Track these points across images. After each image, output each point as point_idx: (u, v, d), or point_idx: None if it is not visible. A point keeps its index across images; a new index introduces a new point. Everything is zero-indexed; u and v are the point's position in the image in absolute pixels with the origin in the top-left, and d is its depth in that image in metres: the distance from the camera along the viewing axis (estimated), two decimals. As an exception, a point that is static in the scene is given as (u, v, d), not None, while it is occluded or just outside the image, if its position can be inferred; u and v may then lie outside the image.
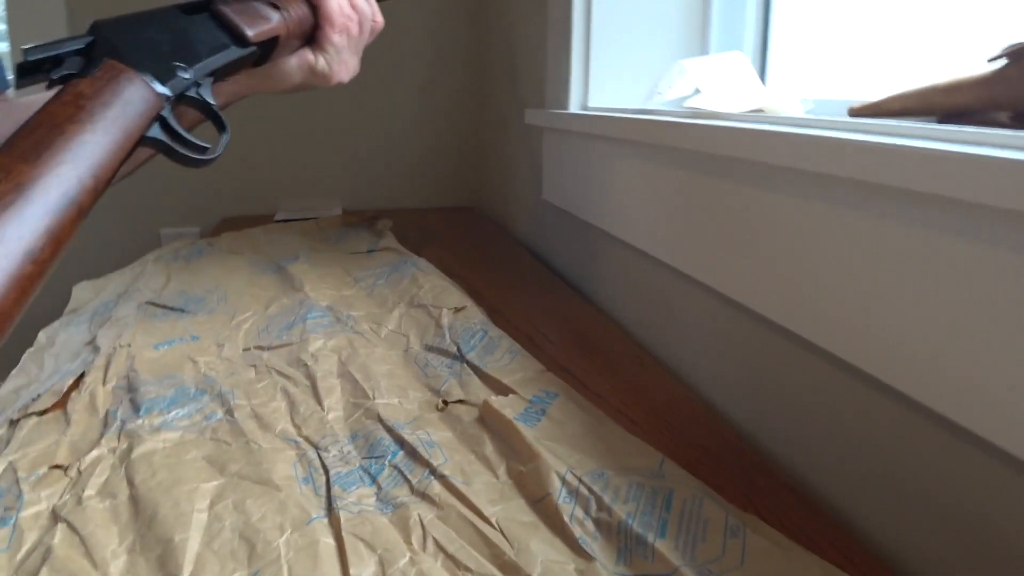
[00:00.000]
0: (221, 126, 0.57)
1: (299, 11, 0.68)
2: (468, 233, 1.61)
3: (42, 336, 0.90)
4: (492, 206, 1.87)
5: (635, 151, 0.92)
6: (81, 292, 1.07)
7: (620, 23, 1.11)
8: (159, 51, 0.51)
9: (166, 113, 0.49)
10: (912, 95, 0.63)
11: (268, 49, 0.65)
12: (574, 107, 1.15)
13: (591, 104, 1.14)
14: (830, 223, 0.57)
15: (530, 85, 1.46)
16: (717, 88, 0.86)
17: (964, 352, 0.45)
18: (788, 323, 0.63)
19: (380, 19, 0.77)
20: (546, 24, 1.26)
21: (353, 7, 0.73)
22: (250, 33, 0.61)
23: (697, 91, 0.88)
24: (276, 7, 0.66)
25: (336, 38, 0.72)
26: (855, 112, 0.68)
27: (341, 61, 0.74)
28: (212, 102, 0.55)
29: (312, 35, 0.72)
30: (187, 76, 0.52)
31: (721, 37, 1.09)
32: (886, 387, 0.54)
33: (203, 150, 0.52)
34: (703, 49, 1.11)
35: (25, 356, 0.85)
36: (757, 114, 0.78)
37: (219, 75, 0.59)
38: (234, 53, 0.59)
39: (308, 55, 0.72)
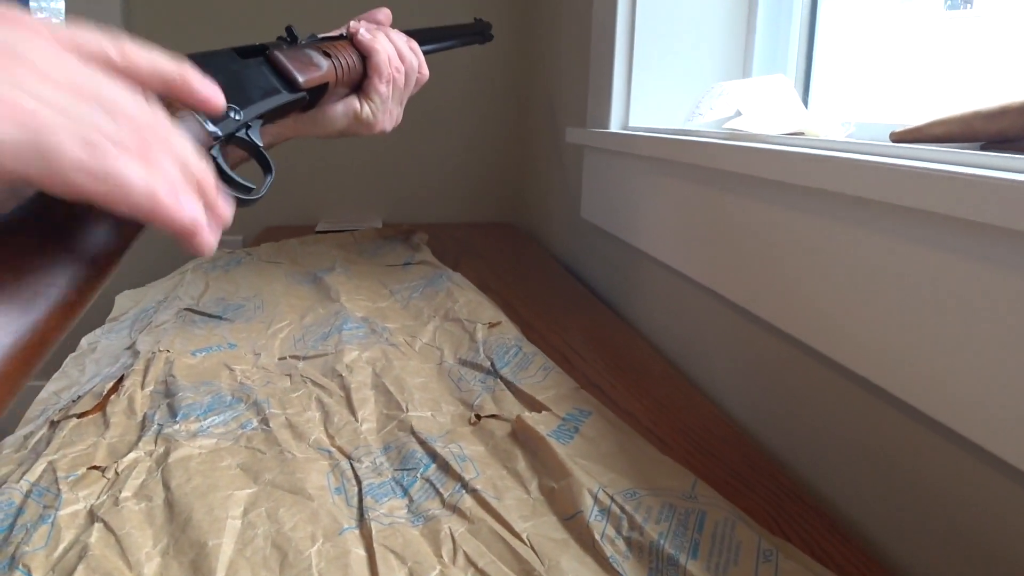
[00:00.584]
0: (267, 168, 0.58)
1: (349, 60, 0.70)
2: (505, 249, 1.62)
3: (84, 342, 0.92)
4: (530, 222, 1.88)
5: (674, 171, 0.92)
6: (123, 300, 1.09)
7: (663, 44, 1.11)
8: None
9: (215, 152, 0.50)
10: (955, 120, 0.62)
11: (317, 95, 0.67)
12: (615, 126, 1.15)
13: (632, 124, 1.14)
14: (870, 248, 0.56)
15: (571, 104, 1.46)
16: (758, 110, 0.86)
17: (1009, 386, 0.44)
18: (823, 348, 0.62)
19: (426, 71, 0.79)
20: (589, 43, 1.27)
21: (401, 59, 0.75)
22: (301, 79, 0.63)
23: (738, 113, 0.88)
24: (327, 55, 0.68)
25: (383, 89, 0.73)
26: (897, 137, 0.68)
27: (386, 111, 0.75)
28: (260, 144, 0.56)
29: (360, 84, 0.73)
30: (238, 118, 0.53)
31: (764, 60, 1.09)
32: (922, 415, 0.53)
33: (248, 190, 0.53)
34: (746, 71, 1.11)
35: (67, 361, 0.87)
36: (797, 137, 0.78)
37: (268, 118, 0.61)
38: (284, 98, 0.61)
39: (354, 103, 0.73)
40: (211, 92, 0.42)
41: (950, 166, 0.49)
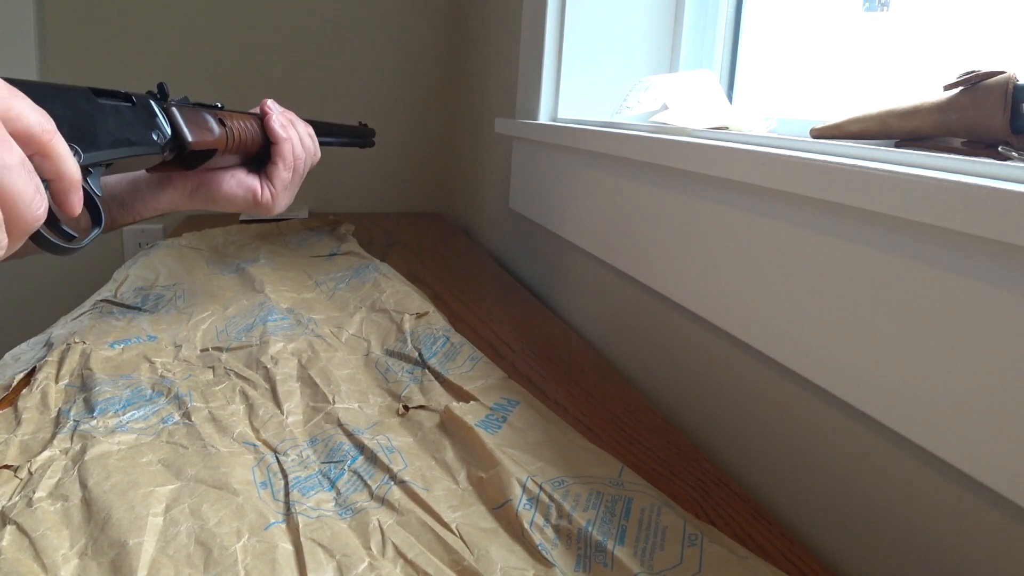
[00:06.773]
0: (98, 220, 0.55)
1: (243, 131, 0.73)
2: (434, 239, 1.61)
3: (8, 357, 0.87)
4: (460, 213, 1.87)
5: (601, 163, 0.92)
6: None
7: (592, 37, 1.12)
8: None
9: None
10: (871, 118, 0.65)
11: (200, 159, 0.69)
12: (544, 118, 1.16)
13: (561, 116, 1.15)
14: (791, 240, 0.58)
15: (501, 95, 1.46)
16: (684, 104, 0.87)
17: (919, 370, 0.46)
18: (745, 336, 0.64)
19: (319, 156, 0.88)
20: (520, 35, 1.27)
21: (304, 148, 0.83)
22: (191, 139, 0.64)
23: (664, 107, 0.89)
24: (222, 123, 0.70)
25: (285, 175, 0.81)
26: (816, 133, 0.70)
27: (284, 195, 0.83)
28: (98, 193, 0.54)
29: (263, 168, 0.80)
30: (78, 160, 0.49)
31: (691, 55, 1.11)
32: (839, 401, 0.55)
33: (70, 238, 0.50)
34: (673, 66, 1.13)
35: None
36: (721, 131, 0.80)
37: (128, 167, 0.59)
38: (146, 149, 0.60)
39: (255, 186, 0.80)
40: (75, 202, 0.48)
41: (865, 162, 0.50)
